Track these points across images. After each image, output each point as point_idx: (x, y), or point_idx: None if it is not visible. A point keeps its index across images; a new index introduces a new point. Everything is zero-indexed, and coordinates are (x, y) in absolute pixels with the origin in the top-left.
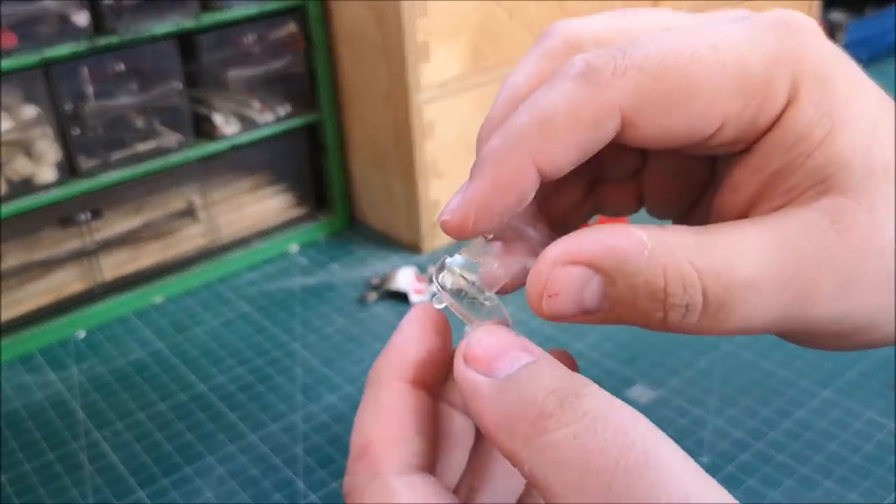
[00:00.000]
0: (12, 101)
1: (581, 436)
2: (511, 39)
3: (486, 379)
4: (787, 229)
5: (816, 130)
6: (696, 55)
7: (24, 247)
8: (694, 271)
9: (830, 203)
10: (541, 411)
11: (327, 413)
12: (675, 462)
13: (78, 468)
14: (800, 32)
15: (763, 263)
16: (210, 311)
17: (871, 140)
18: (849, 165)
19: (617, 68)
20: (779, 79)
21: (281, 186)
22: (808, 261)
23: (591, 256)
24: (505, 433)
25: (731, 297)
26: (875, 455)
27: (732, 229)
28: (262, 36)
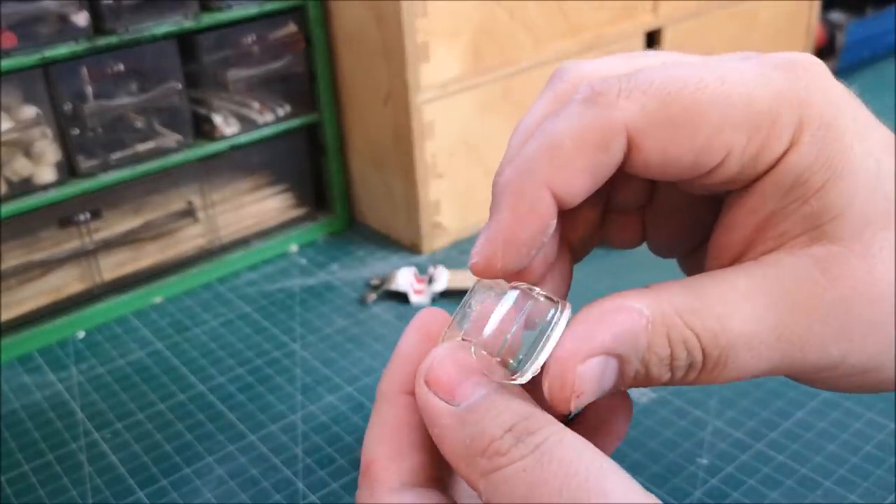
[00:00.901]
0: (12, 101)
1: (530, 469)
2: (511, 40)
3: (446, 407)
4: (779, 279)
5: (815, 177)
6: (703, 84)
7: (23, 247)
8: (693, 335)
9: (821, 251)
10: (497, 448)
11: (327, 413)
12: (618, 487)
13: (77, 469)
14: (809, 74)
15: (756, 319)
16: (210, 312)
17: (872, 189)
18: (843, 215)
19: (622, 91)
20: (784, 118)
21: (280, 187)
22: (800, 311)
23: (607, 345)
24: (464, 463)
25: (727, 354)
26: (875, 456)
27: (723, 284)
28: (261, 36)
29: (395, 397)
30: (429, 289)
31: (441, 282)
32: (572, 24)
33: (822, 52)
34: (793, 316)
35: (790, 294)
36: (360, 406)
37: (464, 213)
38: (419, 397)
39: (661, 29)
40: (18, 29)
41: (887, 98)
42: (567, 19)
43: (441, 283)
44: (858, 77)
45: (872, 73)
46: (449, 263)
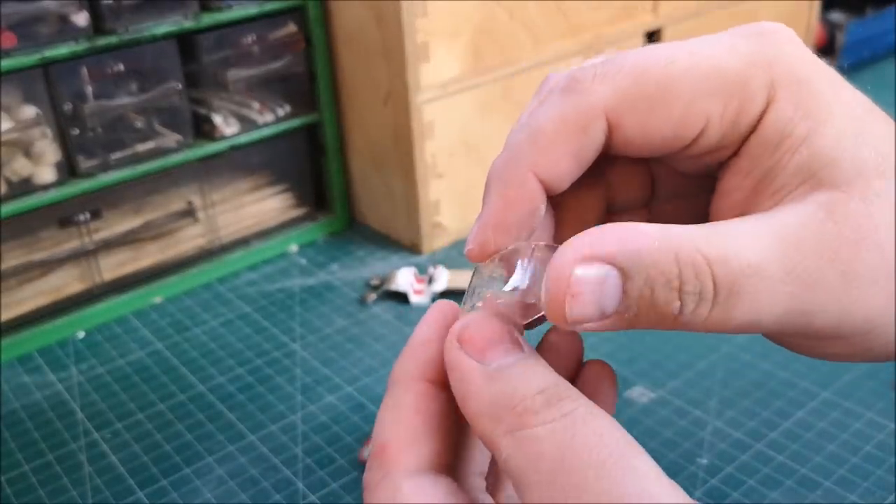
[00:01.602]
0: (12, 101)
1: (560, 433)
2: (511, 40)
3: (477, 364)
4: (787, 221)
5: (798, 128)
6: (673, 58)
7: (22, 247)
8: (703, 258)
9: (823, 196)
10: (527, 406)
11: (327, 414)
12: (643, 465)
13: (77, 469)
14: (776, 39)
15: (768, 250)
16: (209, 312)
17: (855, 139)
18: (836, 160)
19: (597, 75)
20: (756, 80)
21: (280, 187)
22: (809, 250)
23: (609, 252)
24: (488, 420)
25: (739, 284)
26: (875, 456)
27: (736, 222)
28: (261, 36)
29: (412, 383)
30: (429, 289)
31: (441, 282)
32: (572, 24)
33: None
34: (802, 253)
35: (799, 234)
36: (360, 406)
37: (463, 213)
38: (448, 355)
39: (660, 29)
40: (18, 29)
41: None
42: (567, 19)
43: (441, 283)
44: (858, 77)
45: (872, 73)
46: (449, 263)
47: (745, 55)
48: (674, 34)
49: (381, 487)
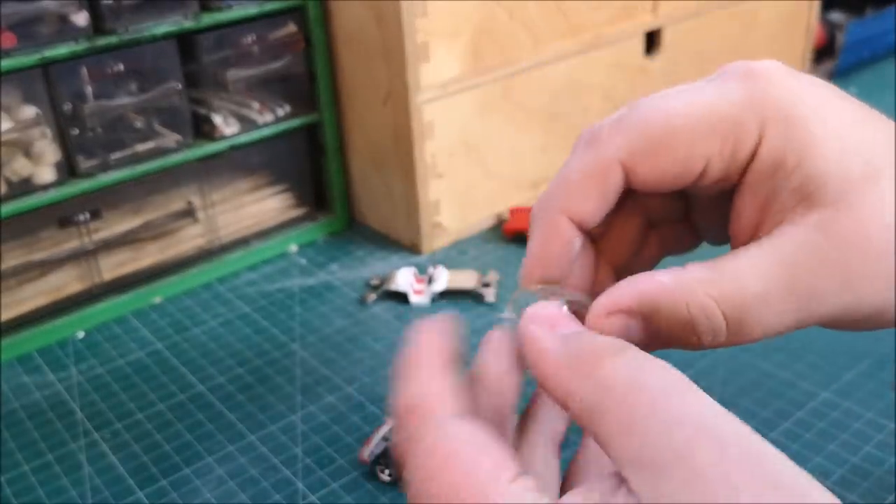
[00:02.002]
0: (11, 101)
1: (631, 366)
2: (511, 40)
3: (550, 333)
4: (783, 246)
5: (789, 158)
6: (674, 110)
7: (22, 247)
8: (712, 301)
9: (816, 215)
10: (601, 354)
11: (327, 414)
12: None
13: (77, 469)
14: (764, 78)
15: (766, 280)
16: (209, 312)
17: (840, 155)
18: (824, 181)
19: (612, 130)
20: (747, 120)
21: (280, 187)
22: (805, 269)
23: (627, 305)
24: (566, 368)
25: (746, 315)
26: (875, 456)
27: (738, 256)
28: (261, 36)
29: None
30: (428, 289)
31: (441, 282)
32: (572, 24)
33: (822, 53)
34: (800, 274)
35: (794, 256)
36: (359, 406)
37: (463, 213)
38: (525, 331)
39: (660, 29)
40: (18, 29)
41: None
42: (567, 19)
43: (441, 283)
44: (858, 77)
45: (872, 73)
46: (448, 263)
47: (737, 99)
48: (674, 34)
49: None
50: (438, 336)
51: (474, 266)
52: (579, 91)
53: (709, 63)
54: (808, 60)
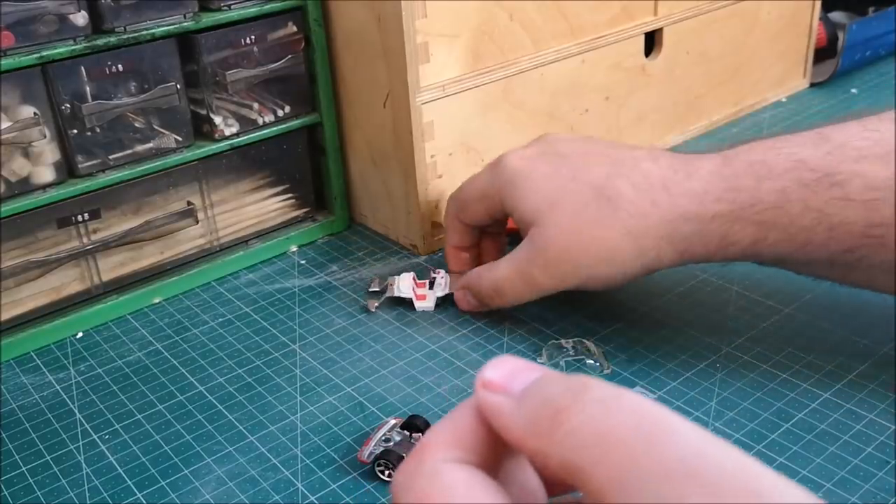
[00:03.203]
0: (10, 101)
1: (597, 416)
2: (511, 41)
3: (504, 398)
4: (516, 252)
5: (512, 206)
6: (467, 189)
7: (21, 247)
8: (487, 281)
9: (530, 231)
10: (557, 407)
11: (326, 414)
12: (687, 426)
13: (75, 470)
14: (499, 165)
15: (507, 270)
16: (209, 312)
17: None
18: (528, 216)
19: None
20: (493, 191)
21: (280, 187)
22: (522, 262)
23: (462, 284)
24: (531, 436)
25: (500, 287)
26: (876, 458)
27: (502, 259)
28: (261, 37)
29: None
30: (431, 293)
31: (443, 286)
32: (572, 25)
33: (823, 52)
34: (520, 264)
35: (519, 255)
36: (359, 407)
37: None
38: (481, 401)
39: (660, 29)
40: (16, 28)
41: (887, 98)
42: (567, 20)
43: (443, 288)
44: (859, 77)
45: (873, 73)
46: None
47: (489, 179)
48: (674, 34)
49: (418, 472)
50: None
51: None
52: (579, 92)
53: (709, 63)
54: (809, 60)
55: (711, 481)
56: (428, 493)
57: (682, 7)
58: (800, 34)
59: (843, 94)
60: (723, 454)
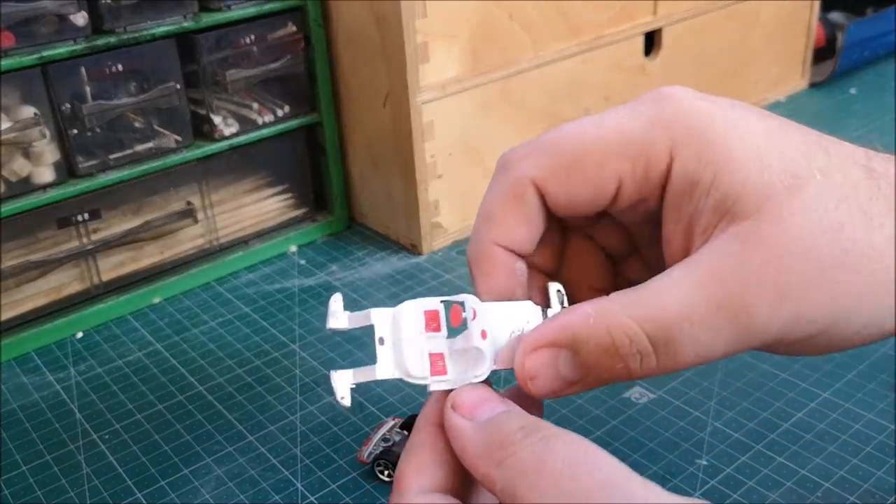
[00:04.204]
0: (10, 101)
1: (538, 449)
2: (510, 40)
3: (469, 422)
4: (704, 262)
5: (704, 176)
6: (583, 131)
7: (21, 247)
8: (633, 323)
9: (736, 228)
10: (511, 440)
11: (326, 415)
12: (614, 464)
13: (76, 469)
14: (673, 101)
15: (688, 296)
16: (208, 312)
17: (759, 169)
18: (743, 194)
19: (523, 153)
20: (657, 141)
21: (280, 187)
22: (730, 281)
23: (550, 339)
24: (482, 460)
25: (671, 334)
26: (875, 457)
27: (661, 277)
28: (261, 37)
29: (424, 426)
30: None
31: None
32: (571, 25)
33: (822, 53)
34: (725, 286)
35: (717, 269)
36: (359, 407)
37: (463, 214)
38: (446, 419)
39: (660, 29)
40: (17, 29)
41: (887, 98)
42: (566, 20)
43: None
44: (858, 77)
45: (872, 73)
46: (448, 264)
47: (646, 119)
48: (673, 34)
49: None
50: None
51: None
52: (579, 92)
53: (709, 63)
54: (808, 61)
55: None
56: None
57: (682, 7)
58: (798, 34)
59: (842, 95)
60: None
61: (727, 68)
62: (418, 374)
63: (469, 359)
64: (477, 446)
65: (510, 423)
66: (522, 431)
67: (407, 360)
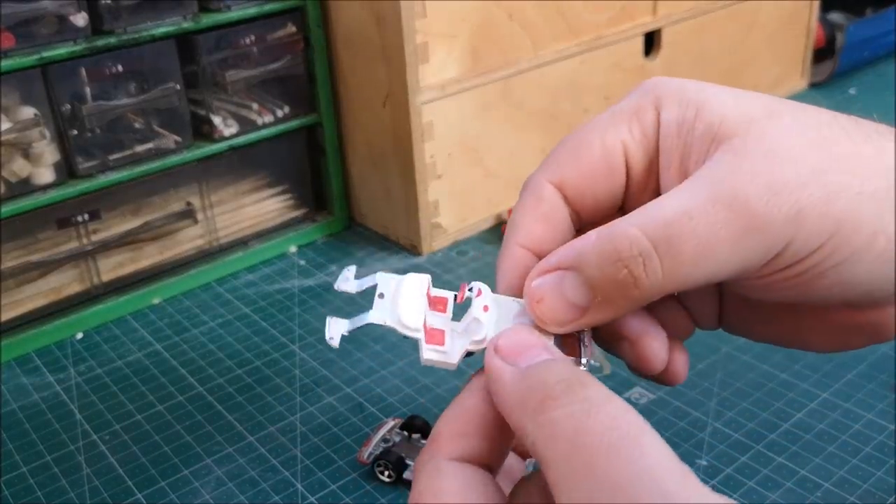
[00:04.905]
0: (10, 102)
1: (576, 415)
2: (510, 41)
3: (509, 367)
4: (698, 174)
5: (686, 114)
6: (579, 127)
7: (21, 248)
8: (633, 227)
9: (725, 144)
10: (548, 393)
11: (326, 415)
12: (654, 445)
13: (76, 470)
14: (652, 80)
15: (687, 198)
16: (208, 313)
17: (737, 101)
18: (725, 121)
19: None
20: (642, 102)
21: (280, 188)
22: (726, 182)
23: (555, 262)
24: (518, 409)
25: (671, 231)
26: (875, 457)
27: (659, 198)
28: (260, 37)
29: (475, 388)
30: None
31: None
32: (571, 26)
33: (822, 53)
34: (720, 186)
35: (711, 175)
36: (359, 407)
37: (463, 214)
38: (487, 363)
39: (659, 30)
40: (17, 29)
41: (887, 98)
42: (566, 20)
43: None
44: (858, 78)
45: (872, 73)
46: (447, 264)
47: (632, 95)
48: (673, 35)
49: (426, 469)
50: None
51: (473, 266)
52: (579, 92)
53: (708, 63)
54: (808, 61)
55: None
56: (423, 493)
57: (682, 7)
58: (798, 35)
59: (842, 95)
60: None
61: (727, 68)
62: (411, 324)
63: (468, 334)
64: (514, 395)
65: (550, 374)
66: (563, 385)
67: (402, 310)
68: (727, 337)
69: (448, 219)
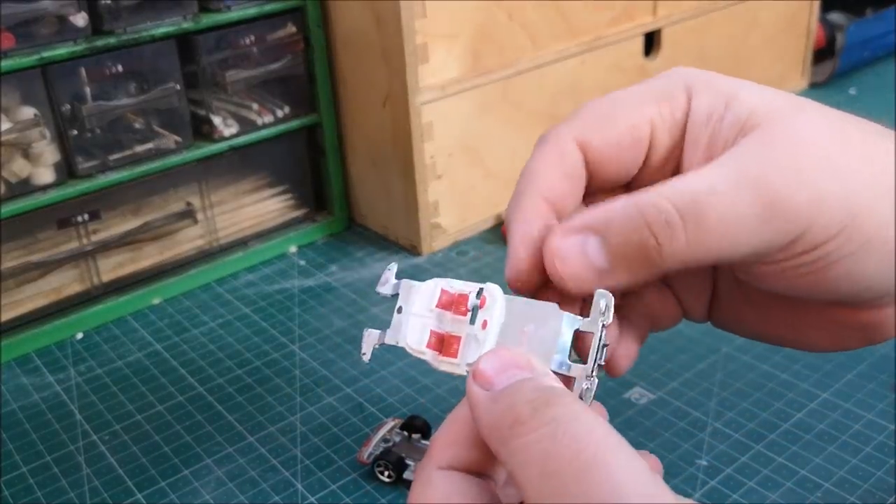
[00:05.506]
0: (10, 102)
1: (544, 440)
2: (510, 41)
3: (484, 392)
4: (727, 156)
5: (717, 105)
6: (612, 94)
7: (21, 248)
8: (660, 196)
9: (753, 132)
10: (516, 418)
11: (326, 415)
12: (622, 465)
13: (76, 470)
14: (681, 69)
15: (715, 174)
16: (208, 313)
17: (763, 95)
18: (754, 109)
19: (561, 124)
20: (676, 87)
21: (280, 188)
22: (751, 166)
23: (581, 224)
24: (493, 437)
25: (697, 205)
26: (875, 457)
27: (687, 173)
28: (260, 37)
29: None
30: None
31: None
32: (571, 26)
33: (822, 53)
34: (746, 168)
35: (738, 158)
36: (358, 407)
37: (463, 214)
38: (467, 389)
39: (660, 30)
40: (17, 29)
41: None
42: (566, 20)
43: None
44: (858, 78)
45: (872, 73)
46: (448, 265)
47: (664, 78)
48: (673, 35)
49: (419, 477)
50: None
51: (474, 266)
52: (579, 92)
53: (709, 63)
54: (808, 61)
55: None
56: (414, 500)
57: (682, 8)
58: (798, 35)
59: (842, 95)
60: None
61: (727, 69)
62: (414, 346)
63: (471, 345)
64: (488, 420)
65: (519, 396)
66: (530, 406)
67: (407, 332)
68: (727, 337)
69: (448, 219)
